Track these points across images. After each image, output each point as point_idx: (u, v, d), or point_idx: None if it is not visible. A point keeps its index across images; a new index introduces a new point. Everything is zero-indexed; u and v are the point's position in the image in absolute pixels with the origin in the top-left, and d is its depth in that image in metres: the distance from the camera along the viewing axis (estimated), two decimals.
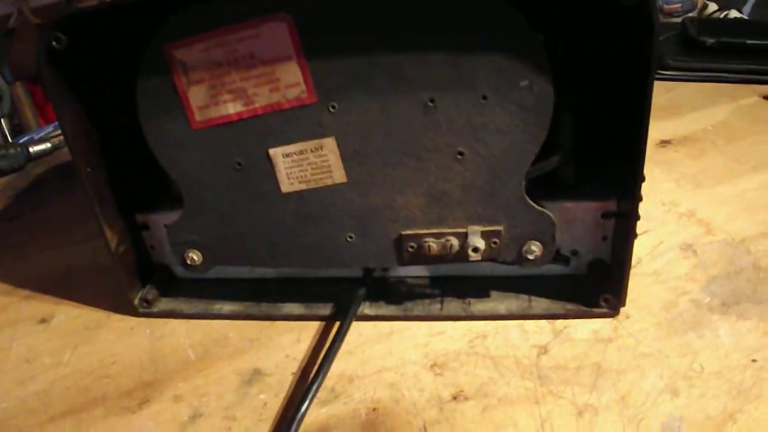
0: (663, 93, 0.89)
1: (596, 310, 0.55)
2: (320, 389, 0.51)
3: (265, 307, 0.58)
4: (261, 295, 0.59)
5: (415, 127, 0.48)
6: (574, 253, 0.57)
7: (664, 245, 0.63)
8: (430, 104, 0.47)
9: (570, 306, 0.55)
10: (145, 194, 0.60)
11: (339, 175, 0.51)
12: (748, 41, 0.90)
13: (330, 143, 0.50)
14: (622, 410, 0.48)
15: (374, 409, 0.49)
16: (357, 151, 0.50)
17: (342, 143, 0.49)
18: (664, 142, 0.78)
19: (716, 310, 0.56)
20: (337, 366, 0.53)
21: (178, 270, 0.62)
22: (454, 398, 0.50)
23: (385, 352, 0.54)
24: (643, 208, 0.65)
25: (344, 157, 0.50)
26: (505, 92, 0.47)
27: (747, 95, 0.87)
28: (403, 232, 0.52)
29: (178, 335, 0.58)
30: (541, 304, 0.56)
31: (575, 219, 0.55)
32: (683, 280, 0.59)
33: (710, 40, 0.90)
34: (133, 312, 0.60)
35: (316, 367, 0.51)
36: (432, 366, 0.53)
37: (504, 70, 0.46)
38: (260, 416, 0.50)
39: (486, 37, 0.45)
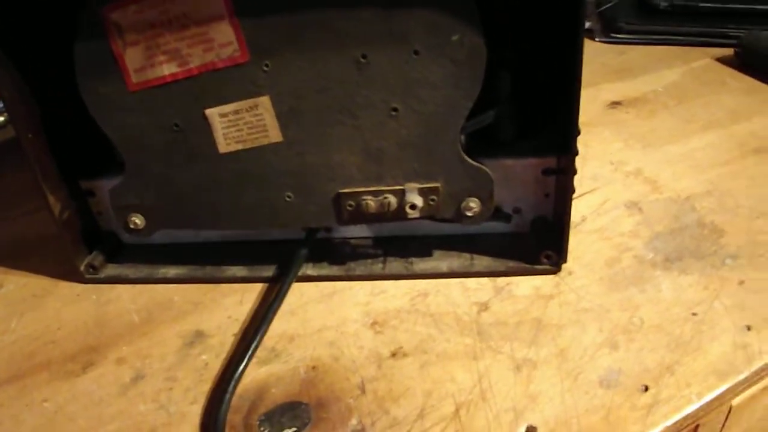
0: (615, 56, 0.88)
1: (538, 267, 0.54)
2: (260, 348, 0.50)
3: (209, 270, 0.57)
4: (205, 259, 0.58)
5: (348, 83, 0.47)
6: (517, 210, 0.56)
7: (610, 203, 0.62)
8: (363, 60, 0.46)
9: (512, 263, 0.54)
10: (90, 160, 0.58)
11: (275, 134, 0.49)
12: (701, 4, 0.88)
13: (265, 102, 0.48)
14: (560, 364, 0.48)
15: (313, 367, 0.49)
16: (292, 109, 0.48)
17: (276, 102, 0.48)
18: (615, 104, 0.77)
19: (659, 266, 0.55)
20: (279, 326, 0.52)
21: (125, 236, 0.60)
22: (393, 355, 0.49)
23: (327, 311, 0.53)
24: (590, 168, 0.65)
25: (279, 116, 0.49)
26: (436, 47, 0.45)
27: (699, 58, 0.86)
28: (341, 191, 0.51)
29: (124, 300, 0.57)
30: (483, 261, 0.55)
31: (516, 176, 0.54)
32: (627, 237, 0.58)
33: (663, 3, 0.89)
34: (80, 279, 0.59)
35: (255, 327, 0.50)
36: (372, 324, 0.52)
37: (435, 24, 0.45)
38: (201, 376, 0.49)
39: None
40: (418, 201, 0.50)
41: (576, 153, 0.49)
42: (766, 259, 0.55)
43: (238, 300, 0.55)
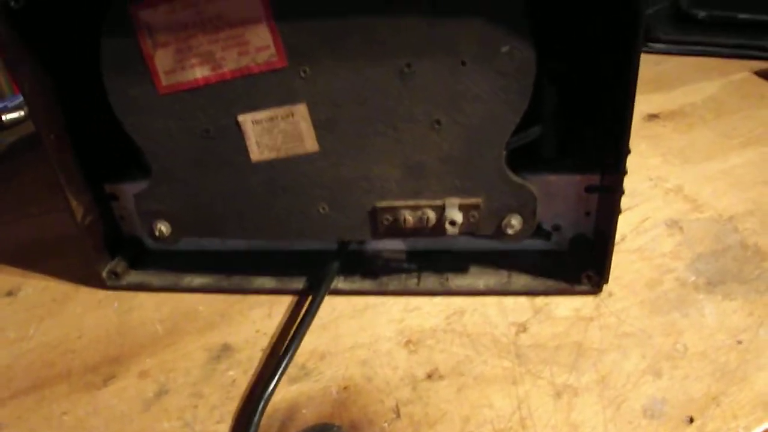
0: (652, 66, 0.85)
1: (578, 288, 0.52)
2: (290, 366, 0.48)
3: (236, 281, 0.55)
4: (232, 268, 0.56)
5: (390, 94, 0.45)
6: (556, 228, 0.54)
7: (650, 222, 0.60)
8: (407, 69, 0.44)
9: (550, 282, 0.52)
10: (115, 163, 0.56)
11: (311, 144, 0.47)
12: (740, 15, 0.86)
13: (301, 110, 0.46)
14: (602, 391, 0.46)
15: (345, 388, 0.47)
16: (329, 118, 0.46)
17: (314, 110, 0.46)
18: (652, 116, 0.75)
19: (701, 289, 0.53)
20: (309, 342, 0.50)
21: (148, 242, 0.59)
22: (429, 377, 0.47)
23: (359, 328, 0.51)
24: (628, 183, 0.62)
25: (316, 125, 0.47)
26: (484, 58, 0.43)
27: (738, 70, 0.84)
28: (378, 204, 0.49)
29: (147, 309, 0.55)
30: (520, 280, 0.53)
31: (557, 192, 0.52)
32: (668, 258, 0.56)
33: (702, 13, 0.87)
34: (101, 285, 0.57)
35: (286, 343, 0.48)
36: (407, 343, 0.50)
37: (485, 35, 0.42)
38: (228, 394, 0.47)
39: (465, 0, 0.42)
40: (458, 217, 0.48)
41: (625, 172, 0.46)
42: None
43: (266, 313, 0.53)
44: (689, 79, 0.82)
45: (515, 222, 0.49)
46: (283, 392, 0.47)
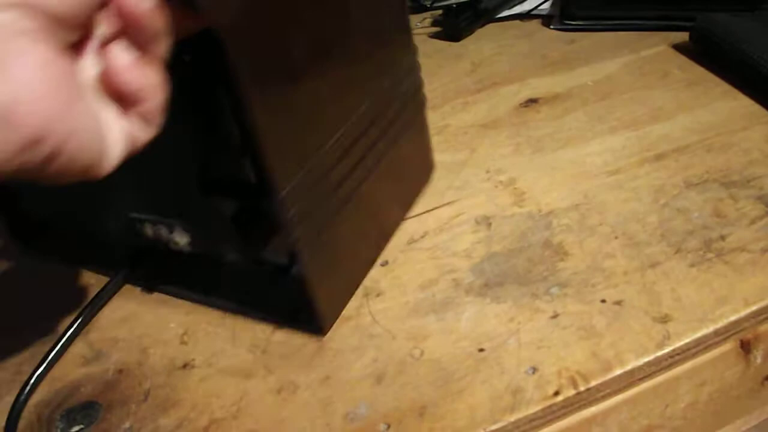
0: (562, 45, 0.78)
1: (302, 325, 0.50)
2: (88, 349, 0.51)
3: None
4: None
5: None
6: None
7: (462, 217, 0.57)
8: None
9: (280, 312, 0.51)
10: None
11: None
12: None
13: None
14: (317, 391, 0.45)
15: (120, 371, 0.49)
16: None
17: None
18: (531, 101, 0.69)
19: (473, 292, 0.50)
20: (111, 330, 0.52)
21: None
22: (184, 366, 0.48)
23: (153, 318, 0.53)
24: (464, 176, 0.60)
25: None
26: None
27: (654, 45, 0.75)
28: (131, 215, 0.49)
29: None
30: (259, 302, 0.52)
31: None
32: (458, 257, 0.53)
33: None
34: None
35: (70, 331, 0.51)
36: (182, 335, 0.51)
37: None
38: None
39: None
40: (181, 237, 0.48)
41: (268, 194, 0.42)
42: (596, 290, 0.48)
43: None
44: (596, 57, 0.75)
45: (228, 249, 0.48)
46: (74, 372, 0.49)
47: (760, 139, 0.60)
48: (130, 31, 0.31)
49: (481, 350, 0.46)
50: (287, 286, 0.51)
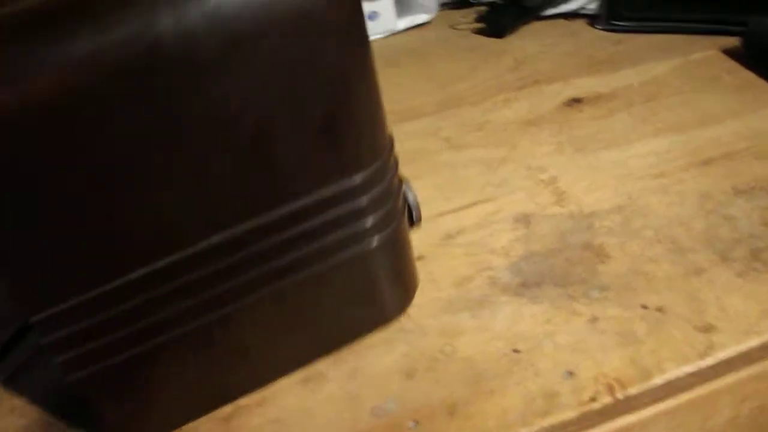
0: (608, 46, 0.76)
1: None
2: None
3: None
4: None
5: None
6: None
7: (500, 214, 0.55)
8: None
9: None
10: None
11: None
12: None
13: None
14: (345, 384, 0.44)
15: None
16: None
17: None
18: (574, 101, 0.67)
19: (510, 291, 0.48)
20: None
21: None
22: None
23: None
24: (503, 173, 0.59)
25: None
26: None
27: (704, 48, 0.73)
28: None
29: None
30: None
31: None
32: (495, 255, 0.51)
33: None
34: None
35: None
36: None
37: None
38: None
39: None
40: None
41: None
42: (637, 295, 0.47)
43: None
44: (643, 59, 0.72)
45: None
46: None
47: None
48: None
49: (516, 351, 0.44)
50: None
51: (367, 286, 0.44)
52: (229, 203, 0.37)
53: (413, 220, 0.46)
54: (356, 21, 0.36)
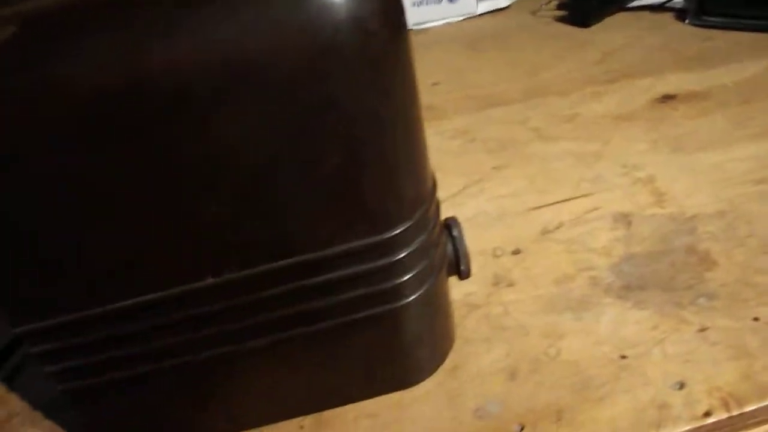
0: (699, 42, 0.73)
1: None
2: None
3: None
4: None
5: None
6: None
7: (598, 212, 0.53)
8: None
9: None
10: None
11: None
12: None
13: None
14: (445, 380, 0.42)
15: None
16: None
17: None
18: (667, 98, 0.65)
19: (613, 293, 0.46)
20: None
21: None
22: None
23: None
24: (598, 169, 0.57)
25: None
26: None
27: None
28: None
29: None
30: None
31: None
32: (596, 254, 0.49)
33: None
34: None
35: None
36: None
37: None
38: None
39: None
40: None
41: None
42: (747, 306, 0.45)
43: None
44: (736, 58, 0.70)
45: None
46: None
47: None
48: None
49: (623, 357, 0.42)
50: None
51: (387, 347, 0.40)
52: (223, 248, 0.33)
53: (461, 272, 0.41)
54: (393, 51, 0.30)
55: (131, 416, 0.40)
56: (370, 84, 0.30)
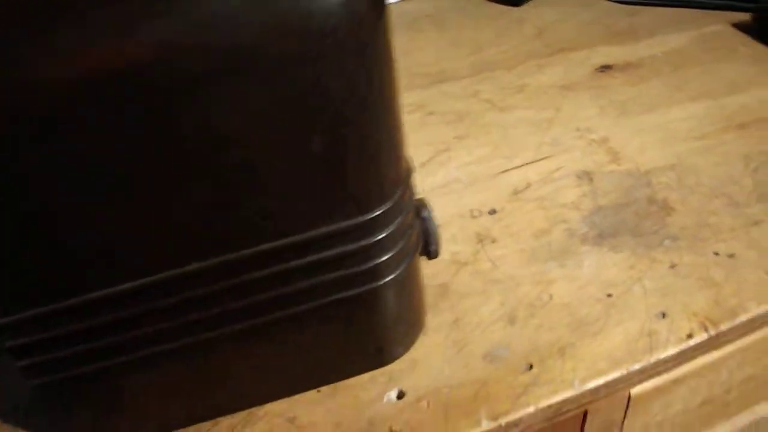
0: (624, 17, 0.79)
1: None
2: None
3: None
4: None
5: None
6: None
7: (561, 171, 0.57)
8: None
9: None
10: None
11: None
12: None
13: None
14: (449, 333, 0.44)
15: None
16: None
17: None
18: (605, 68, 0.70)
19: (589, 241, 0.50)
20: None
21: None
22: None
23: None
24: (554, 133, 0.60)
25: None
26: None
27: (715, 22, 0.76)
28: None
29: None
30: None
31: None
32: (567, 209, 0.53)
33: None
34: None
35: None
36: None
37: None
38: None
39: None
40: None
41: None
42: (707, 244, 0.49)
43: None
44: (659, 31, 0.75)
45: None
46: None
47: None
48: None
49: (609, 296, 0.46)
50: None
51: (366, 325, 0.41)
52: (207, 232, 0.33)
53: (431, 252, 0.42)
54: (380, 34, 0.31)
55: (108, 410, 0.40)
56: (359, 66, 0.30)
